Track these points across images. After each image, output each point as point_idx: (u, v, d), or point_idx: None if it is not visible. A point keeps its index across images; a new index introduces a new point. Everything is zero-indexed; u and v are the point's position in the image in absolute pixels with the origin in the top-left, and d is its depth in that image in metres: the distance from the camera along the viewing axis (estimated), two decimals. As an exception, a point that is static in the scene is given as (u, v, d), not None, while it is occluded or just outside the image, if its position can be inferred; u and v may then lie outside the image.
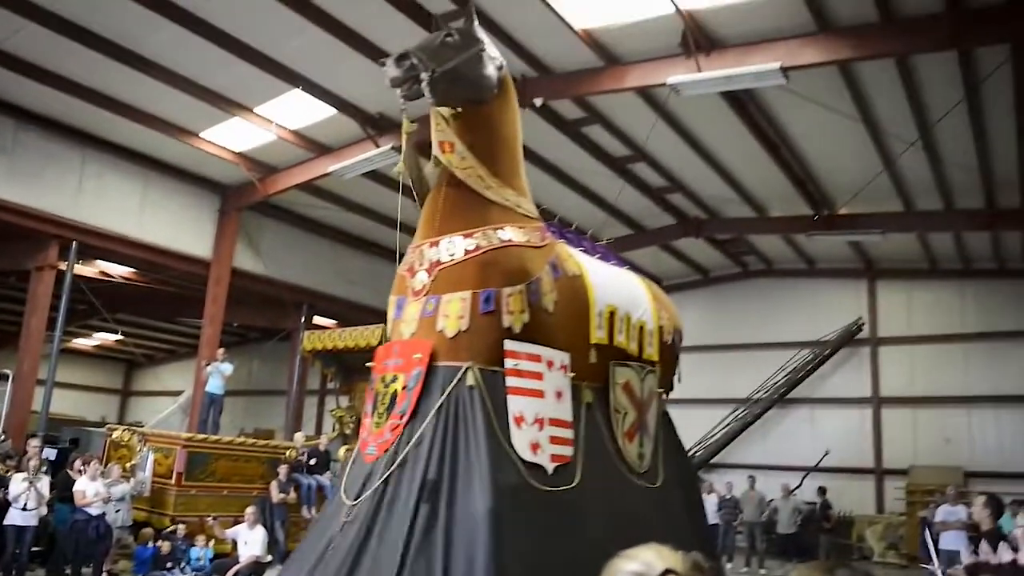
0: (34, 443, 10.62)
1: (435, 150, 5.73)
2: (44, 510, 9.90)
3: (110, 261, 17.37)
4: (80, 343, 28.46)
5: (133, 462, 11.69)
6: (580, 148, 14.57)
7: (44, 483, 9.86)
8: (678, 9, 10.23)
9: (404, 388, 5.45)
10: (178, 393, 22.41)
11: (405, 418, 5.34)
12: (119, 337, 24.70)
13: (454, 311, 5.42)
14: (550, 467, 5.45)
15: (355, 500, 5.26)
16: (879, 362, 19.92)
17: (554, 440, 5.56)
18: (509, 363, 5.46)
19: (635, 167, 15.60)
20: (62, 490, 10.51)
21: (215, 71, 12.37)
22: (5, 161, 13.57)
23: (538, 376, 5.59)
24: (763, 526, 16.01)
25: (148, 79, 12.35)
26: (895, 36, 10.29)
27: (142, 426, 17.36)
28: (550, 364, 5.70)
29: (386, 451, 5.30)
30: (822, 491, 16.68)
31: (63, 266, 13.90)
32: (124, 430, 12.83)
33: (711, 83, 10.86)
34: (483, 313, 5.39)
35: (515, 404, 5.41)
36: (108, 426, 14.41)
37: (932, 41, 10.10)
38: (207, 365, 14.70)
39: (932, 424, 18.93)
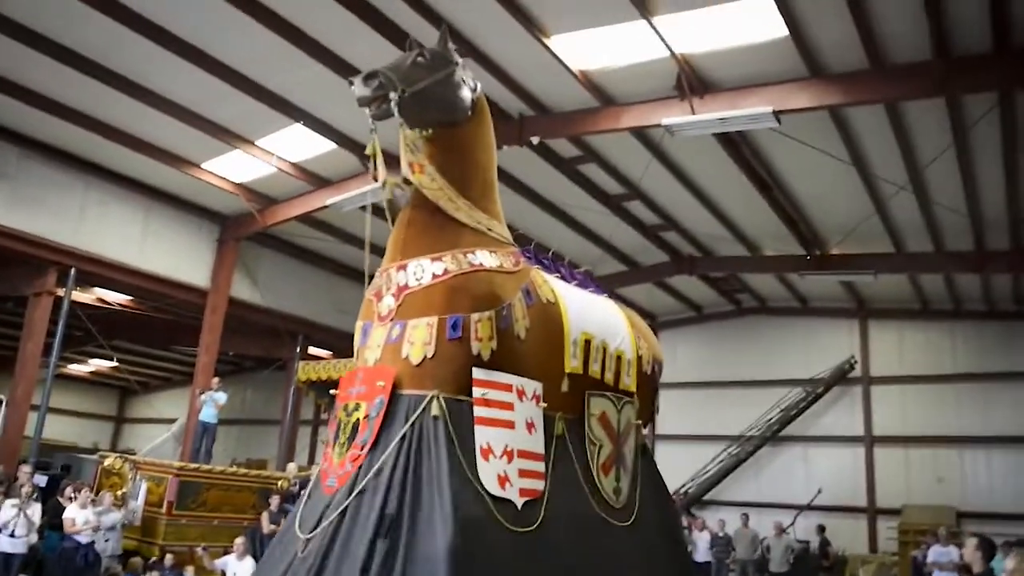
0: (25, 469, 10.63)
1: (404, 171, 5.57)
2: (34, 537, 9.88)
3: (109, 288, 17.46)
4: (75, 369, 28.45)
5: (124, 490, 11.68)
6: (576, 185, 14.78)
7: (35, 510, 9.86)
8: (673, 53, 10.48)
9: (366, 417, 5.18)
10: (172, 421, 22.36)
11: (366, 449, 5.07)
12: (114, 364, 24.72)
13: (420, 337, 5.19)
14: (519, 502, 5.20)
15: (310, 533, 4.97)
16: (871, 401, 20.04)
17: (524, 474, 5.32)
18: (477, 392, 5.24)
19: (630, 205, 15.81)
20: (52, 517, 10.49)
21: (217, 103, 12.57)
22: (7, 187, 13.72)
23: (508, 406, 5.36)
24: (756, 564, 15.92)
25: (152, 110, 12.53)
26: (884, 83, 10.53)
27: (135, 454, 17.33)
28: (521, 394, 5.48)
29: (345, 483, 5.03)
30: (821, 529, 16.65)
31: (61, 292, 13.98)
32: (116, 458, 12.82)
33: (704, 125, 11.10)
34: (450, 340, 5.16)
35: (483, 435, 5.17)
36: (100, 453, 14.39)
37: (921, 88, 10.32)
38: (201, 394, 14.74)
39: (924, 463, 19.00)
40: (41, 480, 10.43)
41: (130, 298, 18.38)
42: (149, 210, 15.90)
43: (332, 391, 5.79)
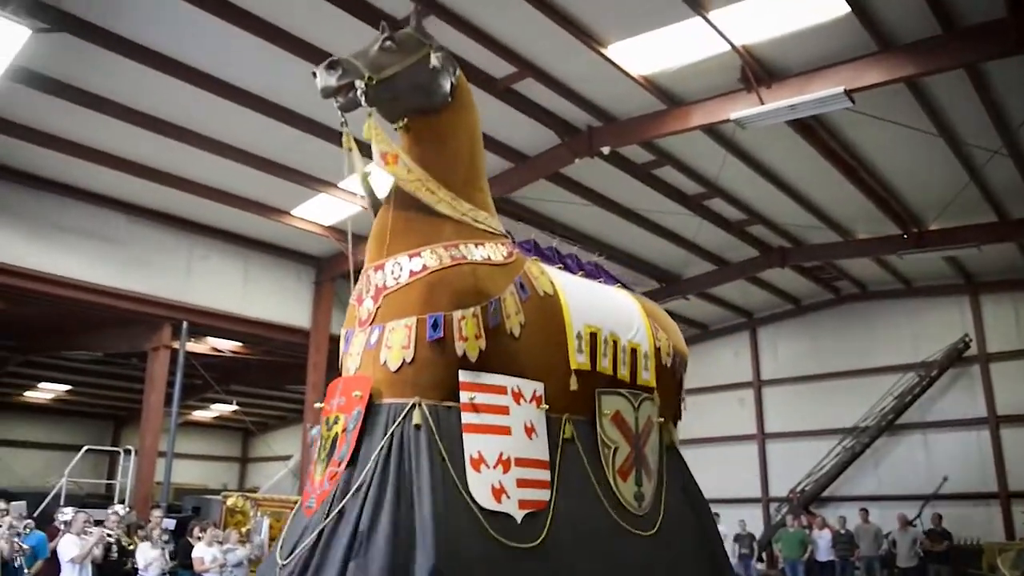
0: (156, 514, 11.33)
1: (377, 162, 5.13)
2: (168, 578, 10.53)
3: (218, 337, 18.43)
4: (200, 415, 29.92)
5: (248, 527, 12.29)
6: (653, 190, 14.75)
7: (167, 551, 10.51)
8: (733, 46, 10.41)
9: (344, 431, 4.76)
10: (288, 458, 23.27)
11: (343, 465, 4.66)
12: (234, 407, 25.95)
13: (398, 341, 4.75)
14: (519, 515, 4.74)
15: (287, 558, 4.60)
16: (991, 379, 18.97)
17: (524, 483, 4.85)
18: (464, 397, 4.79)
19: (710, 203, 15.66)
20: (183, 558, 11.14)
21: (299, 152, 13.14)
22: (120, 252, 14.73)
23: (503, 410, 4.90)
24: (882, 560, 15.36)
25: (240, 166, 13.20)
26: (959, 46, 10.13)
27: (256, 491, 18.16)
28: (518, 396, 5.01)
29: (323, 502, 4.64)
30: (937, 518, 15.86)
31: (176, 345, 14.87)
32: (238, 496, 13.50)
33: (775, 114, 10.93)
34: (431, 341, 4.71)
35: (472, 444, 4.72)
36: (223, 493, 15.18)
37: (998, 47, 9.87)
38: (312, 429, 15.33)
39: (1058, 440, 17.87)
40: (170, 523, 11.07)
41: (240, 344, 19.34)
42: (248, 260, 16.75)
43: None
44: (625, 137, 12.74)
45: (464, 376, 4.83)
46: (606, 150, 12.76)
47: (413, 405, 4.67)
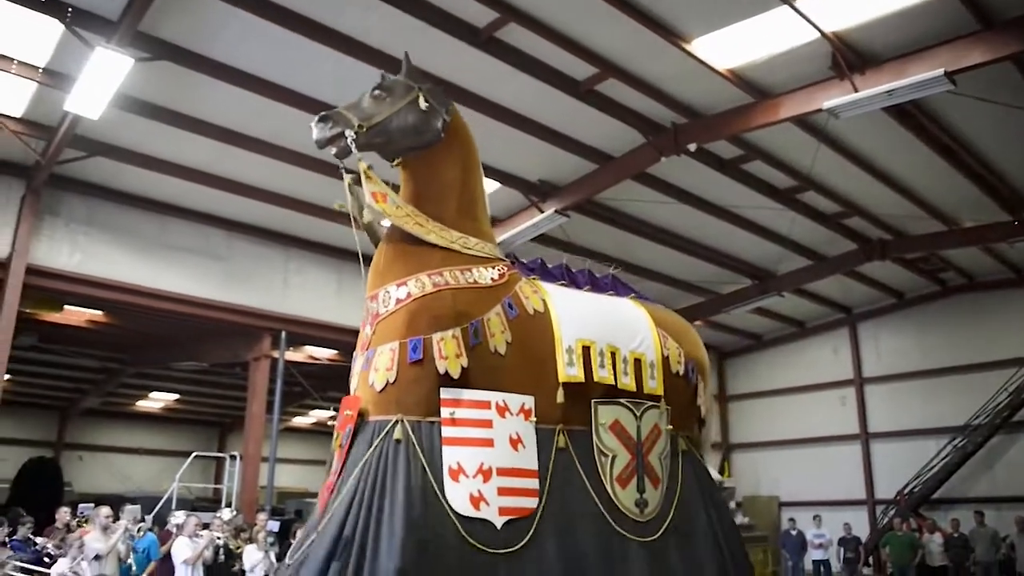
0: (261, 517, 11.74)
1: (367, 201, 5.53)
2: (274, 579, 10.88)
3: (315, 345, 19.00)
4: (299, 421, 30.88)
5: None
6: (744, 186, 14.42)
7: (272, 553, 10.86)
8: (823, 33, 10.08)
9: (340, 446, 5.23)
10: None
11: (335, 476, 5.14)
12: (332, 413, 26.68)
13: (382, 363, 5.17)
14: (498, 521, 5.02)
15: (290, 560, 5.12)
16: (1119, 371, 17.75)
17: (505, 492, 5.13)
18: (444, 412, 5.12)
19: (804, 196, 15.18)
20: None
21: (383, 163, 13.42)
22: (222, 267, 15.37)
23: (484, 424, 5.21)
24: (1000, 565, 14.55)
25: (332, 180, 13.55)
26: (1069, 20, 9.56)
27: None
28: (503, 410, 5.30)
29: (321, 510, 5.11)
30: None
31: (275, 354, 15.40)
32: (339, 500, 13.83)
33: (870, 101, 10.51)
34: (411, 363, 5.10)
35: (451, 455, 5.06)
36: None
37: (1114, 16, 9.28)
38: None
39: None
40: (274, 525, 11.44)
41: (335, 352, 19.86)
42: (341, 270, 17.15)
43: None
44: (712, 133, 12.50)
45: (445, 393, 5.15)
46: (693, 147, 12.55)
47: (396, 422, 5.05)
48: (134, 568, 9.93)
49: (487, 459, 5.14)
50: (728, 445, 24.28)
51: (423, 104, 5.66)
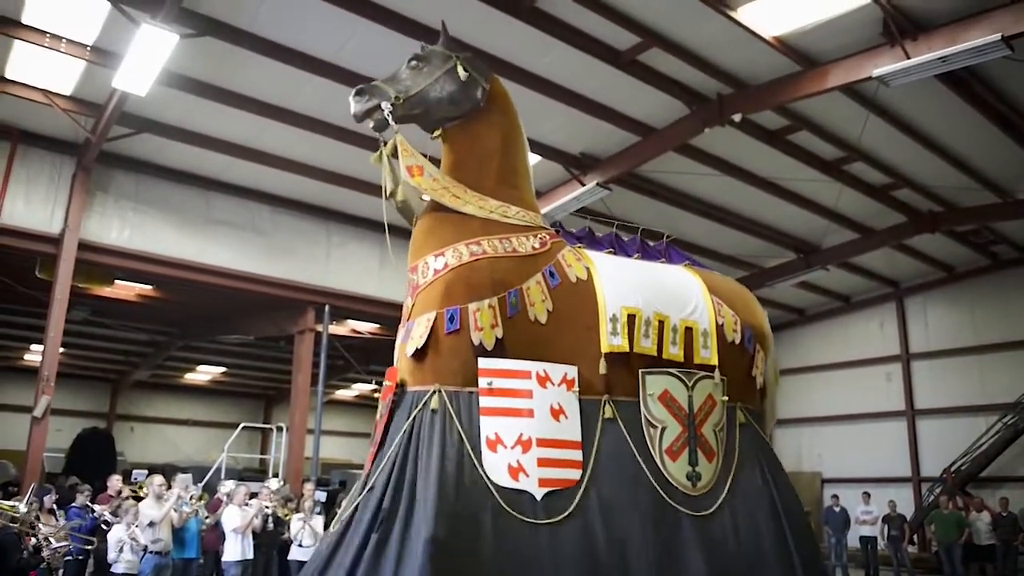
0: (308, 486, 11.93)
1: (404, 176, 5.56)
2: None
3: (357, 319, 19.19)
4: (342, 394, 31.34)
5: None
6: (790, 157, 14.13)
7: (317, 522, 11.03)
8: (874, -2, 9.80)
9: (380, 416, 5.33)
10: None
11: (375, 447, 5.21)
12: (374, 386, 26.98)
13: (418, 333, 5.18)
14: (538, 492, 4.98)
15: (333, 529, 5.21)
16: None
17: (546, 463, 5.08)
18: (482, 382, 5.10)
19: (852, 167, 14.84)
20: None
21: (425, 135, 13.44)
22: (266, 241, 15.58)
23: (524, 394, 5.15)
24: (1051, 544, 14.27)
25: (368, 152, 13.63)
26: None
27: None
28: (544, 380, 5.25)
29: (361, 480, 5.21)
30: None
31: (319, 328, 15.59)
32: (382, 471, 14.02)
33: (923, 68, 10.16)
34: (448, 333, 5.11)
35: (489, 425, 5.03)
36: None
37: None
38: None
39: None
40: (321, 495, 11.63)
41: (377, 325, 20.05)
42: (382, 243, 17.06)
43: None
44: (758, 103, 12.23)
45: (482, 363, 5.13)
46: (738, 117, 12.30)
47: (433, 392, 5.06)
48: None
49: (527, 429, 5.10)
50: (770, 421, 24.02)
51: (462, 73, 5.65)
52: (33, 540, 8.55)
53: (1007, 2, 9.66)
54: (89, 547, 9.28)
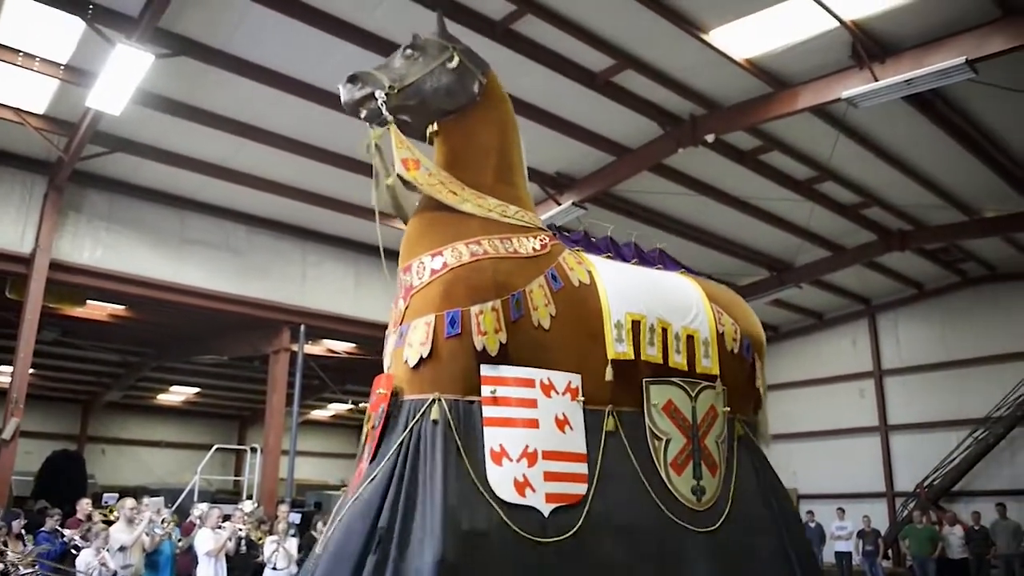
0: (282, 508, 11.83)
1: (399, 169, 5.16)
2: (294, 569, 10.93)
3: (333, 339, 19.09)
4: (318, 414, 31.07)
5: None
6: (762, 177, 14.34)
7: (292, 544, 10.92)
8: (842, 22, 10.01)
9: (372, 427, 4.89)
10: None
11: (366, 460, 4.81)
12: (350, 406, 26.80)
13: (417, 338, 4.81)
14: (546, 509, 4.66)
15: (320, 550, 4.80)
16: None
17: (552, 477, 4.78)
18: (485, 390, 4.76)
19: (823, 187, 15.08)
20: (308, 550, 11.57)
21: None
22: (241, 261, 15.47)
23: (529, 403, 4.84)
24: (1022, 559, 14.43)
25: (350, 174, 13.50)
26: (1094, 6, 9.43)
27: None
28: (548, 389, 4.94)
29: (350, 496, 4.77)
30: None
31: (295, 347, 15.49)
32: (357, 492, 13.91)
33: (889, 90, 10.42)
34: (448, 337, 4.76)
35: (493, 437, 4.70)
36: (342, 488, 15.70)
37: None
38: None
39: None
40: (295, 517, 11.52)
41: (353, 345, 19.97)
42: (358, 263, 17.23)
43: None
44: (730, 123, 12.43)
45: (485, 370, 4.80)
46: (711, 138, 12.50)
47: (433, 401, 4.70)
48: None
49: (532, 441, 4.78)
50: (746, 437, 24.14)
51: (457, 64, 5.34)
52: (0, 567, 8.38)
53: (971, 26, 9.90)
54: (57, 574, 9.11)
